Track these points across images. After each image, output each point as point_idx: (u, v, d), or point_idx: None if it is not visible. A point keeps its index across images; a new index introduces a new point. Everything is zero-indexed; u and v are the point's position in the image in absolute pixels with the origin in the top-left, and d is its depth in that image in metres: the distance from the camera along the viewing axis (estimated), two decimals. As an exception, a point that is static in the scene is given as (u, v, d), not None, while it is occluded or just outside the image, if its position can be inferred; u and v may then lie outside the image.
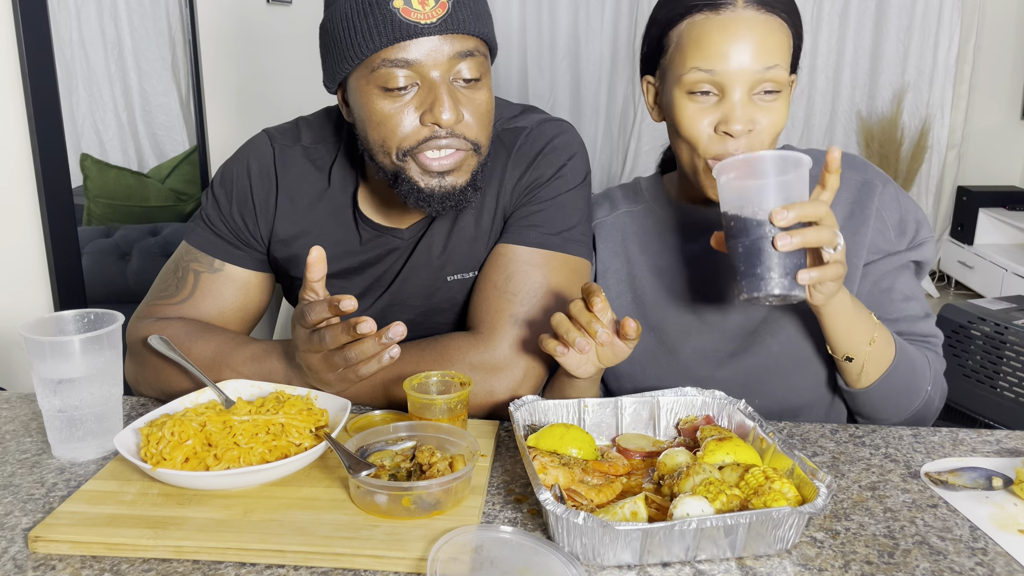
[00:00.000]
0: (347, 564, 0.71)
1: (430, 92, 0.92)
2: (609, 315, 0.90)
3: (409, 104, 0.93)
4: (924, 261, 1.10)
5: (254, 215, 1.09)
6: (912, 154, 4.41)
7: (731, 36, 0.95)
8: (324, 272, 0.90)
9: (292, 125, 1.13)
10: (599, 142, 4.83)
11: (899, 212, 1.08)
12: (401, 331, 0.85)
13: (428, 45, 0.91)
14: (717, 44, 0.95)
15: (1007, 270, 3.89)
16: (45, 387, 0.88)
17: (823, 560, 0.72)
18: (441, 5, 0.90)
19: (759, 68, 0.95)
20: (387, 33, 0.90)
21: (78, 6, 2.23)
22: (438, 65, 0.92)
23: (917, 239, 1.08)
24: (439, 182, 0.96)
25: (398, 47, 0.90)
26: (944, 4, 4.28)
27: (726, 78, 0.95)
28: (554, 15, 4.66)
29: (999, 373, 2.02)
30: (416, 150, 0.94)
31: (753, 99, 0.96)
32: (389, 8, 0.89)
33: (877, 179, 1.09)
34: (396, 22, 0.89)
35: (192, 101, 2.70)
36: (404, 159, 0.95)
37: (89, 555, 0.73)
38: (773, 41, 0.96)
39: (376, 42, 0.90)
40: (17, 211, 1.84)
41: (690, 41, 0.97)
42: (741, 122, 0.95)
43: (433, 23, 0.90)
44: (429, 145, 0.94)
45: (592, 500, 0.78)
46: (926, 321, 1.09)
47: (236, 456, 0.82)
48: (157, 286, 1.12)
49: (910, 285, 1.09)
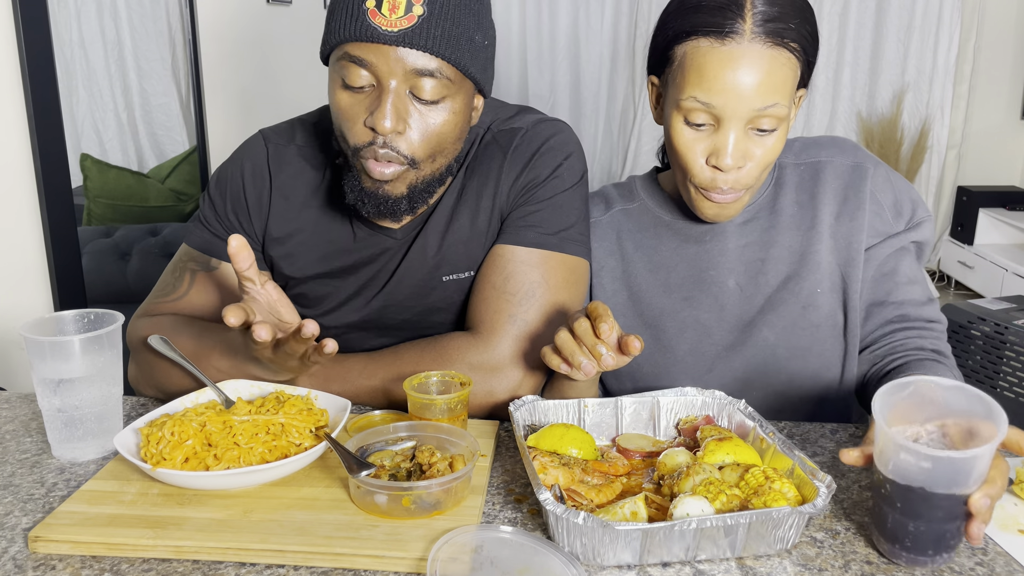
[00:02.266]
0: (347, 564, 0.71)
1: (379, 98, 0.93)
2: (615, 335, 0.87)
3: (363, 103, 0.94)
4: (924, 241, 1.09)
5: (248, 214, 1.10)
6: (912, 154, 4.42)
7: (733, 71, 0.92)
8: (250, 260, 0.90)
9: (287, 125, 1.14)
10: (599, 142, 4.83)
11: (893, 193, 1.08)
12: (332, 347, 0.87)
13: (387, 53, 0.91)
14: (717, 78, 0.93)
15: (1007, 270, 3.90)
16: (45, 387, 0.88)
17: (823, 560, 0.72)
18: (409, 18, 0.90)
19: (758, 106, 0.93)
20: (351, 29, 0.91)
21: (78, 6, 2.23)
22: (393, 74, 0.91)
23: (915, 219, 1.08)
24: (378, 188, 0.97)
25: (359, 45, 0.91)
26: (944, 4, 4.28)
27: (723, 112, 0.94)
28: (554, 15, 4.66)
29: (999, 373, 2.02)
30: (361, 153, 0.95)
31: (749, 133, 0.96)
32: (361, 6, 0.90)
33: (868, 161, 1.09)
34: (361, 22, 0.90)
35: (192, 101, 2.70)
36: (355, 158, 0.97)
37: (89, 555, 0.73)
38: (777, 79, 0.93)
39: (340, 34, 0.92)
40: (17, 211, 1.84)
41: (692, 67, 0.95)
42: (732, 158, 0.95)
43: (393, 32, 0.90)
44: (371, 152, 0.94)
45: (592, 500, 0.78)
46: (930, 306, 1.08)
47: (236, 456, 0.82)
48: (157, 287, 1.13)
49: (913, 268, 1.09)
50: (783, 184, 1.11)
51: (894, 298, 1.07)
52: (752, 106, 0.93)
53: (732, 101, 0.93)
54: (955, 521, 0.70)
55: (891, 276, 1.08)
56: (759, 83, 0.92)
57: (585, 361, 0.87)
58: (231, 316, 0.83)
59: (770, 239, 1.09)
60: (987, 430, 0.70)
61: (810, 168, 1.10)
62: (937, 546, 0.70)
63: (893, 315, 1.07)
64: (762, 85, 0.92)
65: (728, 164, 0.95)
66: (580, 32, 4.67)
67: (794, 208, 1.09)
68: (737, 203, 1.01)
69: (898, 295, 1.07)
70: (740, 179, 0.97)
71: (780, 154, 1.11)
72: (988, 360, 2.04)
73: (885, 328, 1.07)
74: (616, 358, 0.88)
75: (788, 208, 1.09)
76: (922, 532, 0.70)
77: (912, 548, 0.71)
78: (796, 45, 0.94)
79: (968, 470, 0.67)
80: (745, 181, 0.98)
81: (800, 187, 1.10)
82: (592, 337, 0.87)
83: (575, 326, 0.88)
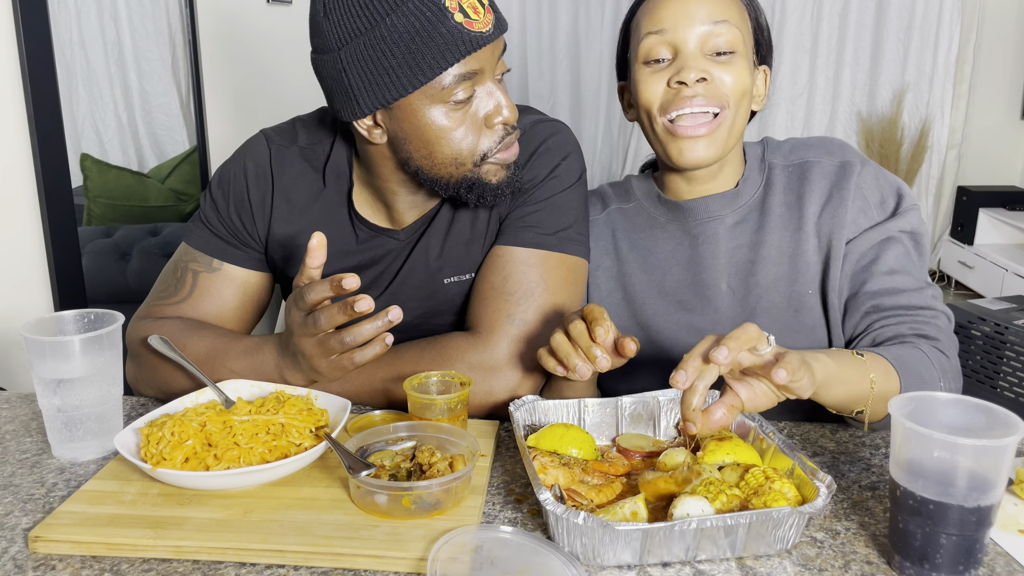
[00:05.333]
0: (347, 564, 0.71)
1: (490, 96, 0.96)
2: (611, 337, 0.88)
3: (473, 113, 0.96)
4: (915, 230, 1.07)
5: (251, 215, 1.09)
6: (912, 154, 4.41)
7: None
8: (323, 259, 0.90)
9: (289, 125, 1.13)
10: (599, 142, 4.83)
11: (880, 190, 1.07)
12: (398, 314, 0.86)
13: (487, 52, 0.94)
14: (666, 6, 1.00)
15: (1007, 270, 3.89)
16: (45, 387, 0.88)
17: (823, 560, 0.72)
18: (488, 10, 0.93)
19: (708, 23, 0.98)
20: (458, 48, 0.90)
21: (78, 6, 2.23)
22: (493, 69, 0.95)
23: (900, 208, 1.07)
24: (509, 172, 1.00)
25: (467, 60, 0.92)
26: (944, 4, 4.28)
27: (676, 35, 0.99)
28: (554, 15, 4.66)
29: (999, 373, 2.02)
30: (491, 152, 0.97)
31: (707, 57, 1.00)
32: (452, 23, 0.90)
33: (855, 159, 1.08)
34: (464, 36, 0.90)
35: (192, 101, 2.70)
36: (481, 164, 0.97)
37: (89, 555, 0.73)
38: (723, 1, 1.00)
39: (447, 59, 0.90)
40: (17, 211, 1.84)
41: (644, 16, 1.04)
42: (694, 70, 0.99)
43: (490, 30, 0.93)
44: (502, 145, 0.97)
45: (592, 500, 0.78)
46: (918, 294, 1.03)
47: (236, 456, 0.82)
48: (157, 287, 1.12)
49: (900, 259, 1.05)
50: (772, 185, 1.10)
51: (868, 288, 1.04)
52: (702, 22, 0.99)
53: (683, 22, 0.99)
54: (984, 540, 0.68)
55: (868, 267, 1.05)
56: (706, 3, 0.99)
57: (580, 364, 0.87)
58: (349, 280, 0.85)
59: (759, 240, 1.09)
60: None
61: (798, 169, 1.10)
62: (968, 560, 0.68)
63: (867, 305, 1.04)
64: (709, 4, 0.99)
65: (691, 77, 0.99)
66: (580, 32, 4.66)
67: (782, 209, 1.09)
68: (709, 139, 1.02)
69: (873, 285, 1.04)
70: (707, 94, 1.00)
71: (771, 154, 1.11)
72: (988, 360, 2.04)
73: (863, 321, 1.04)
74: (611, 360, 0.88)
75: (776, 208, 1.09)
76: (946, 548, 0.67)
77: (936, 569, 0.68)
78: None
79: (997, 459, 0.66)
80: (712, 98, 1.00)
81: (788, 188, 1.10)
82: (587, 339, 0.87)
83: (570, 328, 0.88)
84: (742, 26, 1.02)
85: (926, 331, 1.01)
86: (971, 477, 0.66)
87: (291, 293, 0.92)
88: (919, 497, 0.67)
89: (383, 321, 0.86)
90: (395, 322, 0.86)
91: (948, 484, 0.67)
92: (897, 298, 1.03)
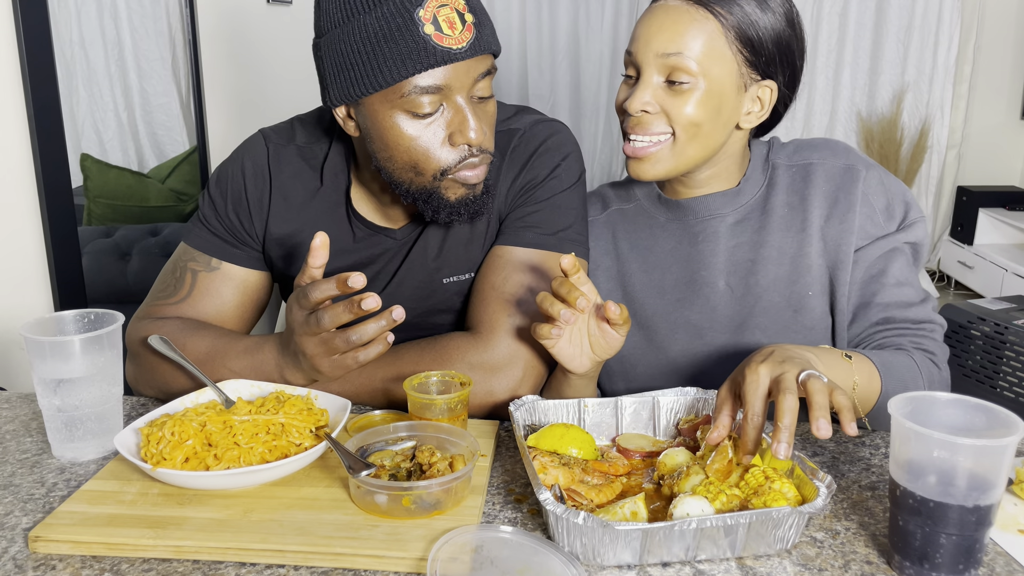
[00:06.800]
0: (347, 564, 0.71)
1: (457, 114, 0.93)
2: (594, 297, 0.93)
3: (436, 126, 0.94)
4: (918, 243, 1.08)
5: (249, 214, 1.09)
6: (912, 154, 4.41)
7: (648, 17, 1.02)
8: (326, 259, 0.90)
9: (287, 124, 1.14)
10: (599, 142, 4.84)
11: (886, 196, 1.08)
12: (401, 313, 0.86)
13: (458, 69, 0.91)
14: (640, 26, 1.03)
15: (1007, 270, 3.89)
16: (45, 387, 0.88)
17: (823, 560, 0.72)
18: (468, 28, 0.91)
19: (660, 51, 0.99)
20: (420, 60, 0.89)
21: (78, 6, 2.23)
22: (464, 87, 0.93)
23: (907, 220, 1.08)
24: (470, 193, 0.98)
25: (429, 73, 0.90)
26: (944, 4, 4.28)
27: (638, 58, 1.02)
28: (554, 15, 4.66)
29: (999, 373, 2.02)
30: (453, 171, 0.95)
31: (663, 85, 1.01)
32: (420, 34, 0.88)
33: (860, 163, 1.09)
34: (429, 49, 0.89)
35: (192, 101, 2.70)
36: (440, 178, 0.96)
37: (89, 555, 0.73)
38: (686, 30, 0.99)
39: (407, 68, 0.89)
40: (17, 211, 1.84)
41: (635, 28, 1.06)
42: (636, 101, 1.01)
43: (463, 48, 0.90)
44: (464, 165, 0.95)
45: (592, 500, 0.78)
46: (921, 307, 1.06)
47: (236, 456, 0.82)
48: (156, 287, 1.12)
49: (904, 271, 1.07)
50: (775, 185, 1.10)
51: (880, 299, 1.06)
52: (656, 49, 1.00)
53: (642, 45, 1.01)
54: (984, 540, 0.68)
55: (879, 278, 1.06)
56: (667, 32, 0.99)
57: (564, 311, 0.89)
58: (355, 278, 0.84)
59: (760, 240, 1.09)
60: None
61: (801, 170, 1.10)
62: (968, 560, 0.68)
63: (878, 317, 1.06)
64: (668, 31, 0.99)
65: (633, 106, 1.01)
66: (580, 32, 4.67)
67: (784, 210, 1.09)
68: (653, 160, 1.03)
69: (884, 296, 1.06)
70: (643, 124, 1.02)
71: (775, 154, 1.11)
72: (988, 360, 2.04)
73: (871, 330, 1.06)
74: (591, 305, 0.92)
75: (779, 209, 1.09)
76: (946, 548, 0.67)
77: (942, 566, 0.68)
78: (726, 13, 0.99)
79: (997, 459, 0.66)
80: (655, 128, 1.02)
81: (791, 189, 1.10)
82: (567, 285, 0.90)
83: (552, 284, 0.92)
84: (711, 54, 0.99)
85: (925, 344, 1.04)
86: (971, 477, 0.66)
87: (293, 292, 0.92)
88: (919, 497, 0.67)
89: (387, 320, 0.86)
90: (398, 321, 0.86)
91: (948, 484, 0.67)
92: (906, 312, 1.05)
